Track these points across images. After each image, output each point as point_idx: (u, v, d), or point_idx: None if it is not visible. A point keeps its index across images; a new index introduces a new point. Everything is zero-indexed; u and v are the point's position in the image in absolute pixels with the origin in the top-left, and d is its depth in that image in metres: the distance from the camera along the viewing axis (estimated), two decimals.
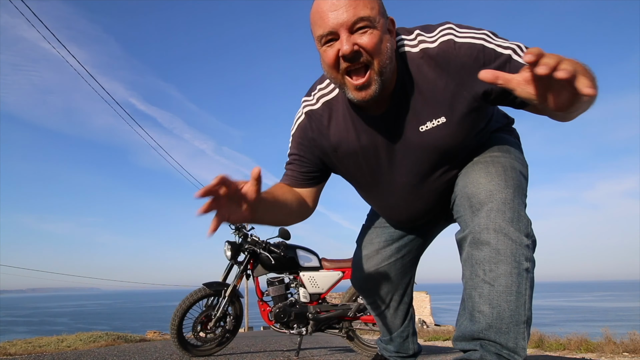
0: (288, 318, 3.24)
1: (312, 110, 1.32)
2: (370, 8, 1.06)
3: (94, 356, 3.17)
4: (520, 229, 1.11)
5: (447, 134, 1.20)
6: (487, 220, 1.11)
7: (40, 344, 5.27)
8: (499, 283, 1.09)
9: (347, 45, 1.04)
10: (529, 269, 1.11)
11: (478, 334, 1.13)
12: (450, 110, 1.17)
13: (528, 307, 1.11)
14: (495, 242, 1.09)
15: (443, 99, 1.16)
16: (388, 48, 1.09)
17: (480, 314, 1.12)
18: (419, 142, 1.22)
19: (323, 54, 1.11)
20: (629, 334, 4.25)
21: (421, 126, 1.20)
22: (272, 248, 3.29)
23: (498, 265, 1.09)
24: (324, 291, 3.38)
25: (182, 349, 3.04)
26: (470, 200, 1.17)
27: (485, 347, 1.13)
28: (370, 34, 1.05)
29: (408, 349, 1.80)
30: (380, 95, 1.13)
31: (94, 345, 5.01)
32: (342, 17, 1.04)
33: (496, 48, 1.11)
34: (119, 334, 6.31)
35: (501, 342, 1.09)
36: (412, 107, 1.19)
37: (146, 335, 8.60)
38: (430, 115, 1.18)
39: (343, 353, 3.41)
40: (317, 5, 1.09)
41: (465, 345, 1.18)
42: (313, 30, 1.12)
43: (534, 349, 4.75)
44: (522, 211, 1.14)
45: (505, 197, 1.12)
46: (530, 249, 1.13)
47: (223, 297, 3.16)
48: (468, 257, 1.15)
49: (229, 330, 3.22)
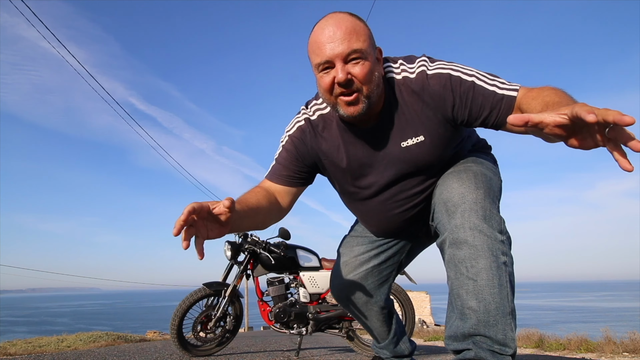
0: (288, 318, 3.24)
1: (310, 119, 1.46)
2: (362, 41, 1.21)
3: (94, 356, 3.17)
4: (493, 226, 1.21)
5: (424, 151, 1.35)
6: (462, 219, 1.22)
7: (40, 344, 5.27)
8: (480, 277, 1.18)
9: (341, 74, 1.20)
10: (507, 263, 1.21)
11: (469, 331, 1.19)
12: (427, 131, 1.33)
13: (511, 299, 1.20)
14: (472, 240, 1.20)
15: (420, 121, 1.32)
16: (376, 76, 1.26)
17: (469, 310, 1.19)
18: (400, 156, 1.38)
19: (320, 79, 1.27)
20: (629, 334, 4.25)
21: (403, 142, 1.35)
22: (272, 248, 3.29)
23: (477, 260, 1.19)
24: (324, 291, 3.38)
25: (182, 349, 3.04)
26: (446, 204, 1.29)
27: (477, 344, 1.19)
28: (362, 64, 1.21)
29: (402, 350, 1.90)
30: (367, 113, 1.28)
31: (94, 345, 5.01)
32: (338, 49, 1.19)
33: (461, 76, 1.27)
34: (119, 334, 6.31)
35: (491, 335, 1.17)
36: (396, 125, 1.35)
37: (146, 335, 8.59)
38: (411, 133, 1.34)
39: (343, 353, 3.41)
40: (315, 35, 1.24)
41: (457, 346, 1.24)
42: (311, 57, 1.27)
43: (534, 349, 4.75)
44: (494, 210, 1.25)
45: (476, 197, 1.24)
46: (506, 244, 1.23)
47: (223, 297, 3.16)
48: (450, 257, 1.25)
49: (229, 330, 3.22)
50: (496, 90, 1.23)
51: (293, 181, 1.48)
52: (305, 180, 1.52)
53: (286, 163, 1.47)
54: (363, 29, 1.23)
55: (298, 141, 1.46)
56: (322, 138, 1.44)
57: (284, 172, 1.47)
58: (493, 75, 1.26)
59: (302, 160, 1.47)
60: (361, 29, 1.23)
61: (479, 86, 1.25)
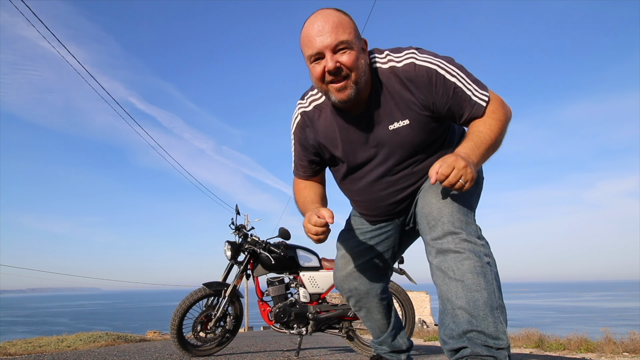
0: (288, 318, 3.23)
1: (306, 111, 1.62)
2: (348, 33, 1.36)
3: (94, 356, 3.17)
4: (471, 233, 1.35)
5: (410, 133, 1.49)
6: (442, 231, 1.36)
7: (40, 344, 5.27)
8: (467, 277, 1.28)
9: (331, 62, 1.36)
10: (490, 263, 1.33)
11: (463, 328, 1.27)
12: (411, 116, 1.47)
13: (498, 296, 1.30)
14: (454, 247, 1.32)
15: (405, 106, 1.46)
16: (362, 64, 1.40)
17: (460, 310, 1.28)
18: (388, 138, 1.51)
19: (312, 69, 1.42)
20: (629, 334, 4.25)
21: (390, 125, 1.49)
22: (272, 248, 3.28)
23: (462, 262, 1.30)
24: (324, 291, 3.37)
25: (182, 349, 3.04)
26: (427, 218, 1.43)
27: (472, 340, 1.26)
28: (349, 54, 1.36)
29: (400, 345, 1.97)
30: (356, 99, 1.43)
31: (94, 345, 5.01)
32: (326, 40, 1.35)
33: (446, 75, 1.41)
34: (119, 334, 6.31)
35: (483, 329, 1.25)
36: (384, 109, 1.49)
37: (146, 335, 8.59)
38: (398, 117, 1.48)
39: (343, 353, 3.41)
40: (306, 30, 1.40)
41: (453, 344, 1.31)
42: (303, 50, 1.43)
43: (534, 349, 4.75)
44: (470, 219, 1.41)
45: (452, 210, 1.39)
46: (487, 247, 1.36)
47: (223, 297, 3.15)
48: (436, 267, 1.36)
49: (229, 330, 3.22)
50: (471, 95, 1.42)
51: (318, 170, 1.75)
52: (323, 165, 1.74)
53: (304, 160, 1.71)
54: (348, 22, 1.39)
55: (302, 137, 1.66)
56: (318, 128, 1.60)
57: (308, 168, 1.72)
58: (472, 80, 1.43)
59: (312, 152, 1.67)
60: (347, 22, 1.38)
61: (459, 88, 1.41)
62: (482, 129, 1.40)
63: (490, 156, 1.43)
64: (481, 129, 1.40)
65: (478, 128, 1.41)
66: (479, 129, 1.40)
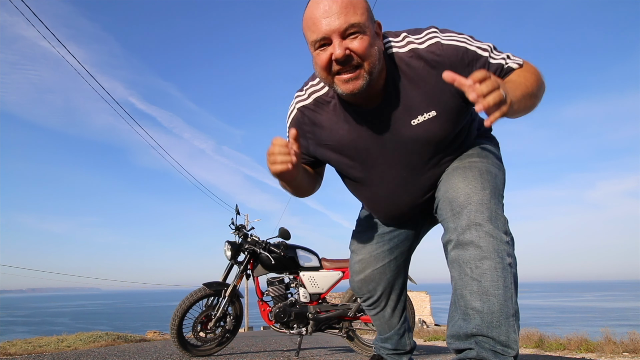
0: (288, 318, 3.24)
1: (304, 105, 1.39)
2: (360, 14, 1.14)
3: (94, 356, 3.17)
4: (499, 227, 1.20)
5: (437, 126, 1.29)
6: (468, 221, 1.21)
7: (40, 344, 5.27)
8: (485, 278, 1.16)
9: (339, 50, 1.13)
10: (512, 264, 1.20)
11: (472, 331, 1.18)
12: (439, 105, 1.27)
13: (515, 300, 1.19)
14: (477, 241, 1.18)
15: (433, 93, 1.26)
16: (377, 50, 1.18)
17: (473, 311, 1.18)
18: (411, 135, 1.31)
19: (316, 57, 1.19)
20: (629, 334, 4.25)
21: (413, 120, 1.29)
22: (272, 248, 3.29)
23: (482, 261, 1.17)
24: (324, 291, 3.38)
25: (182, 349, 3.04)
26: (451, 204, 1.27)
27: (480, 344, 1.17)
28: (360, 39, 1.14)
29: (405, 345, 1.86)
30: (368, 91, 1.22)
31: (94, 345, 5.01)
32: (334, 23, 1.12)
33: (477, 50, 1.24)
34: (119, 334, 6.31)
35: (494, 336, 1.15)
36: (403, 102, 1.28)
37: (146, 335, 8.60)
38: (422, 109, 1.28)
39: (343, 353, 3.41)
40: (310, 11, 1.17)
41: (459, 345, 1.22)
42: (306, 34, 1.20)
43: (534, 349, 4.75)
44: (500, 210, 1.24)
45: (482, 199, 1.23)
46: (510, 245, 1.22)
47: (223, 297, 3.15)
48: (455, 258, 1.23)
49: (229, 330, 3.22)
50: (504, 64, 1.26)
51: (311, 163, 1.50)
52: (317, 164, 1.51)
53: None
54: (360, 2, 1.16)
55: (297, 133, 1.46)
56: (320, 125, 1.38)
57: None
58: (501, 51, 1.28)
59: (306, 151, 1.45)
60: (358, 1, 1.15)
61: (494, 60, 1.26)
62: (514, 78, 1.22)
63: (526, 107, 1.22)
64: (514, 78, 1.22)
65: (511, 78, 1.23)
66: (511, 78, 1.22)
